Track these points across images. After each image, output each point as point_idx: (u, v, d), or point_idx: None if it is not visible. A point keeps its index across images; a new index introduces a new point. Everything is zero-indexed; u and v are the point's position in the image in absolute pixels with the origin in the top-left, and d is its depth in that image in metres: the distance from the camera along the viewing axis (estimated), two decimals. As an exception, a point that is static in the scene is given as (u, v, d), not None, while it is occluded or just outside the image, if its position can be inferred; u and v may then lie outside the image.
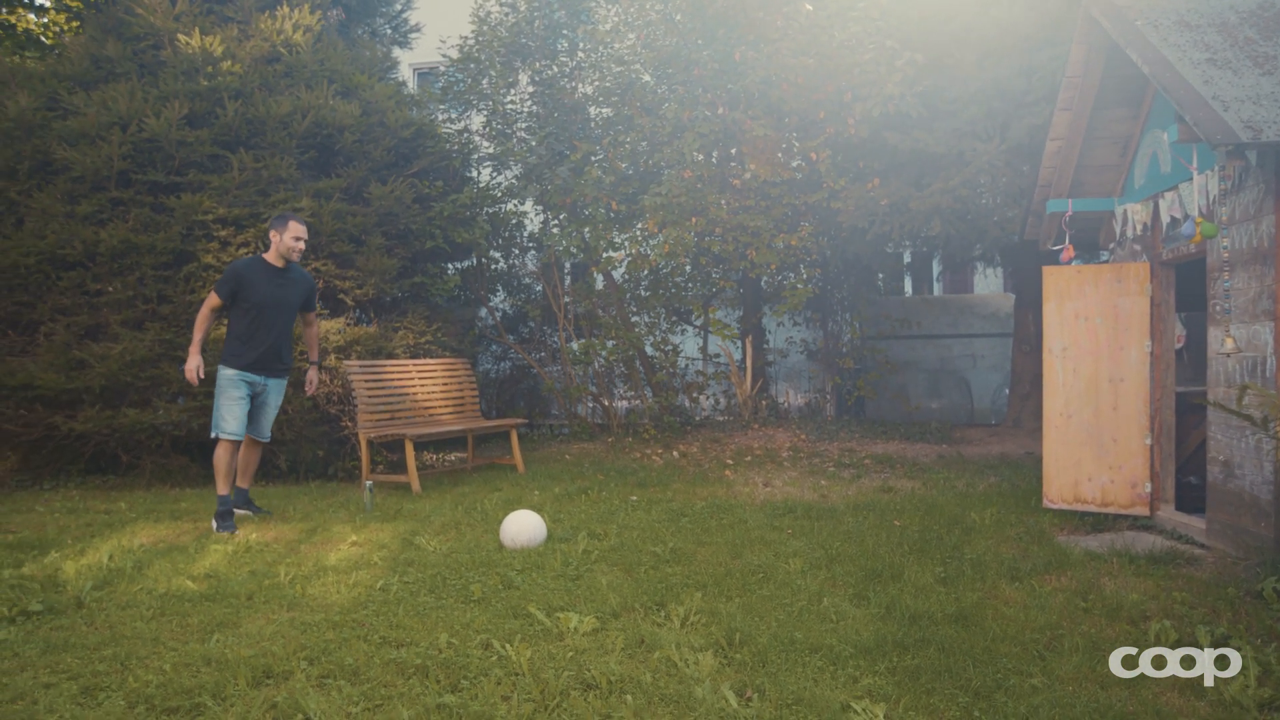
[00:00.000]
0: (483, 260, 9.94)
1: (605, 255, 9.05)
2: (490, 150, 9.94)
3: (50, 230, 6.99)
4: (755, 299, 10.47)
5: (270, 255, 5.46)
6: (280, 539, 4.95)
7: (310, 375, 5.86)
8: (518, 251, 10.36)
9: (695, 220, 8.20)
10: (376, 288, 7.70)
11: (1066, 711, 2.68)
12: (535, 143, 9.51)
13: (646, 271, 9.55)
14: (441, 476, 7.32)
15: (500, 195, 9.66)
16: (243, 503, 5.62)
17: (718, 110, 8.31)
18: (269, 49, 7.84)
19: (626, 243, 9.10)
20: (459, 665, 3.00)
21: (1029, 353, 9.29)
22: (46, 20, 11.75)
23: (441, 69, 10.71)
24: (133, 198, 7.19)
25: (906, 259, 13.18)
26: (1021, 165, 7.38)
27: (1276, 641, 3.14)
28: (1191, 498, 5.44)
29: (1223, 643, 3.13)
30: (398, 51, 11.77)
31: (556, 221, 9.78)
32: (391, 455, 7.87)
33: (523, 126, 9.99)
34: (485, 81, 9.74)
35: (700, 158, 8.54)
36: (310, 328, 5.87)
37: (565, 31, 9.97)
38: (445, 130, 9.65)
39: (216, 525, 5.19)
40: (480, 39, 9.70)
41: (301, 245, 5.48)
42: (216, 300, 5.35)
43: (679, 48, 8.73)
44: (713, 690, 2.80)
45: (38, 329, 7.07)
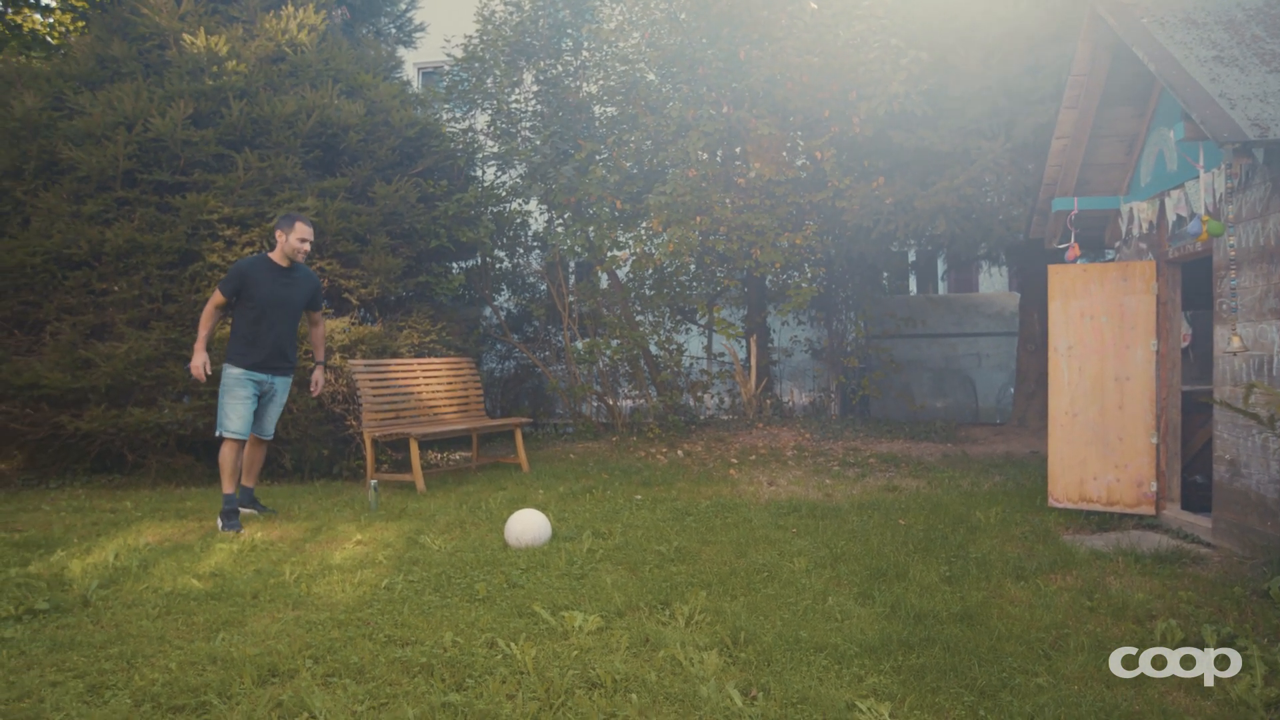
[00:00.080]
0: (487, 259, 9.96)
1: (610, 254, 9.05)
2: (495, 149, 9.95)
3: (56, 230, 7.01)
4: (760, 298, 10.46)
5: (276, 255, 5.47)
6: (285, 538, 4.96)
7: (315, 376, 5.85)
8: (522, 251, 10.37)
9: (700, 219, 8.19)
10: (381, 287, 7.71)
11: (1072, 711, 2.68)
12: (540, 142, 9.51)
13: (651, 270, 9.55)
14: (446, 475, 7.33)
15: (505, 194, 9.67)
16: (248, 502, 5.63)
17: (722, 109, 8.30)
18: (274, 49, 7.85)
19: (631, 242, 9.10)
20: (464, 664, 3.01)
21: (1034, 351, 9.26)
22: (52, 20, 11.79)
23: (446, 68, 10.73)
24: (138, 197, 7.21)
25: (911, 258, 13.15)
26: (1027, 163, 7.36)
27: (1283, 641, 3.13)
28: (1197, 497, 5.42)
29: (1229, 642, 3.12)
30: (402, 51, 11.80)
31: (561, 220, 9.78)
32: (396, 454, 7.88)
33: (527, 125, 9.99)
34: (490, 80, 9.75)
35: (705, 156, 8.53)
36: (316, 328, 5.87)
37: (570, 30, 9.97)
38: (450, 129, 9.66)
39: (222, 524, 5.20)
40: (485, 38, 9.71)
41: (307, 247, 5.49)
42: (221, 298, 5.37)
43: (683, 46, 8.72)
44: (718, 689, 2.80)
45: (44, 328, 7.09)
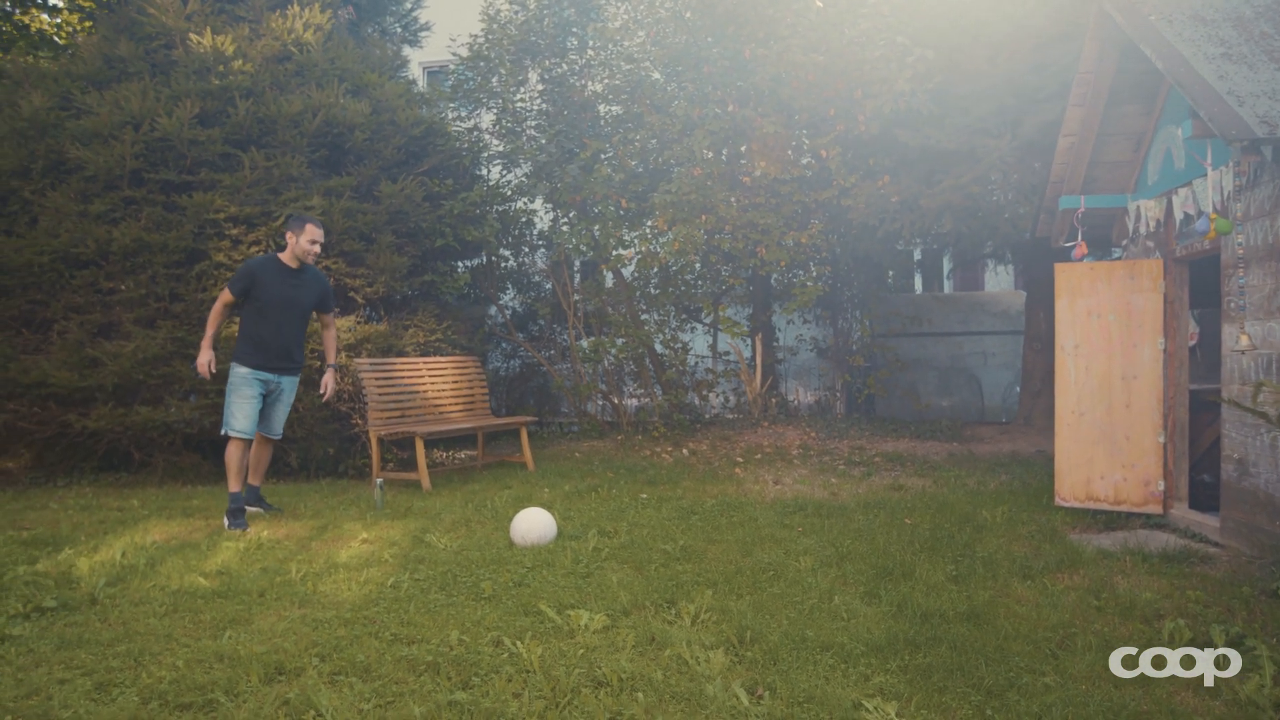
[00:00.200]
0: (492, 258, 9.96)
1: (615, 253, 9.05)
2: (500, 148, 9.95)
3: (63, 229, 7.03)
4: (765, 296, 10.45)
5: (285, 256, 5.49)
6: (291, 536, 4.97)
7: (326, 379, 5.80)
8: (527, 249, 10.37)
9: (705, 218, 8.18)
10: (387, 285, 7.72)
11: (1079, 710, 2.67)
12: (545, 140, 9.51)
13: (656, 269, 9.54)
14: (451, 474, 7.34)
15: (510, 193, 9.67)
16: (254, 500, 5.65)
17: (727, 107, 8.28)
18: (280, 48, 7.86)
19: (636, 240, 9.10)
20: (470, 662, 3.01)
21: (1040, 350, 9.24)
22: (59, 20, 11.82)
23: (451, 67, 10.73)
24: (145, 196, 7.23)
25: (917, 256, 13.13)
26: (1033, 162, 7.33)
27: (1292, 641, 3.12)
28: (1205, 496, 5.40)
29: (1238, 642, 3.11)
30: (408, 50, 11.81)
31: (566, 219, 9.78)
32: (402, 453, 7.89)
33: (532, 124, 9.99)
34: (495, 79, 9.76)
35: (710, 155, 8.51)
36: (328, 331, 5.86)
37: (575, 29, 9.97)
38: (455, 128, 9.67)
39: (228, 522, 5.21)
40: (490, 37, 9.72)
41: (317, 248, 5.50)
42: (229, 296, 5.39)
43: (688, 45, 8.71)
44: (724, 688, 2.79)
45: (51, 327, 7.11)
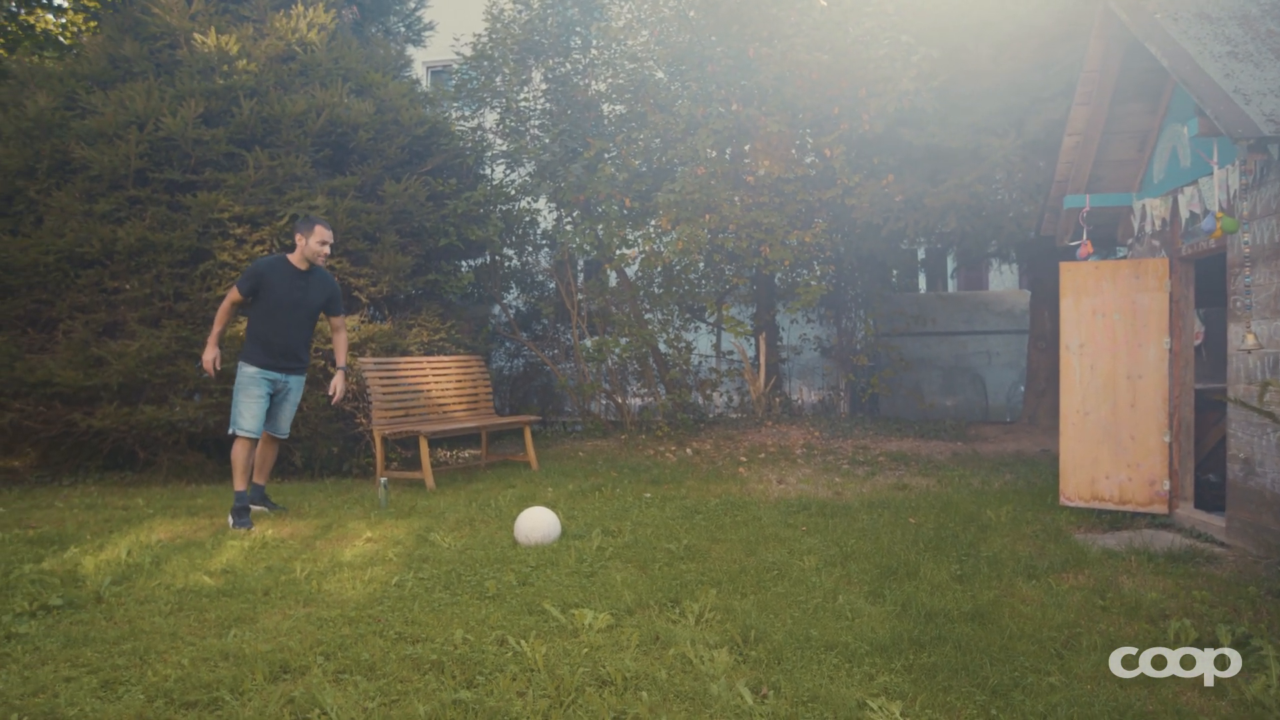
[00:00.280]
0: (496, 258, 9.97)
1: (618, 252, 9.04)
2: (504, 148, 9.95)
3: (69, 228, 7.05)
4: (769, 296, 10.44)
5: (294, 257, 5.50)
6: (296, 535, 4.97)
7: (335, 382, 5.77)
8: (531, 249, 10.37)
9: (709, 217, 8.17)
10: (391, 285, 7.73)
11: (1085, 710, 2.66)
12: (549, 140, 9.51)
13: (660, 268, 9.54)
14: (455, 473, 7.34)
15: (514, 193, 9.67)
16: (259, 499, 5.66)
17: (731, 107, 8.28)
18: (284, 48, 7.87)
19: (640, 240, 9.10)
20: (474, 661, 3.01)
21: (1045, 349, 9.22)
22: (64, 20, 11.85)
23: (455, 67, 10.73)
24: (150, 196, 7.24)
25: (921, 255, 13.11)
26: (1038, 161, 7.32)
27: (1299, 641, 3.11)
28: (1211, 496, 5.39)
29: (1244, 642, 3.10)
30: (411, 49, 11.80)
31: (570, 219, 9.78)
32: (406, 452, 7.90)
33: (536, 124, 9.99)
34: (499, 79, 9.76)
35: (713, 154, 8.51)
36: (338, 334, 5.85)
37: (578, 28, 9.97)
38: (459, 128, 9.67)
39: (233, 521, 5.22)
40: (494, 36, 9.72)
41: (326, 250, 5.52)
42: (238, 295, 5.41)
43: (692, 44, 8.71)
44: (728, 687, 2.79)
45: (56, 326, 7.13)
